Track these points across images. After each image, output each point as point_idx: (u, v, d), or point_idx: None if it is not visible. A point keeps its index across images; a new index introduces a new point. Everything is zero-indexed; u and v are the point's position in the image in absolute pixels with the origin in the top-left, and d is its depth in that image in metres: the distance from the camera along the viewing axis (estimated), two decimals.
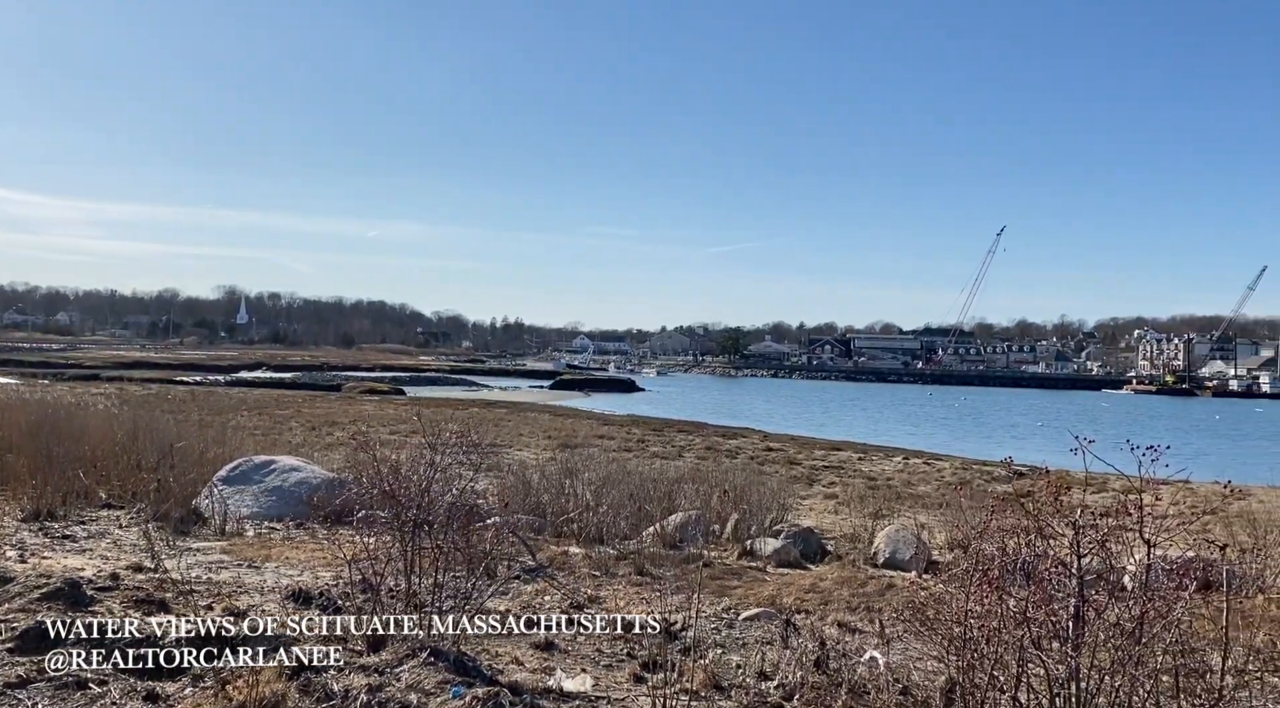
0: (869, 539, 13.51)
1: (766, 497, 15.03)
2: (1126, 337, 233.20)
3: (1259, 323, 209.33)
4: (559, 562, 10.67)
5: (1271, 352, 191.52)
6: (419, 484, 6.94)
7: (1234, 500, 17.99)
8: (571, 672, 6.22)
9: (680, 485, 15.72)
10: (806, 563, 12.49)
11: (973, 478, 26.59)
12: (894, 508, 17.94)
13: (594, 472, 14.64)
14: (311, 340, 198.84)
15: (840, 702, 5.88)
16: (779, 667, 6.50)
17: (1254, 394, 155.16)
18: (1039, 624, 4.60)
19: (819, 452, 32.77)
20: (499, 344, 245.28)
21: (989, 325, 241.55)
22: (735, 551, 12.59)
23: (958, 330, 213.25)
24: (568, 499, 13.49)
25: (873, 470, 28.03)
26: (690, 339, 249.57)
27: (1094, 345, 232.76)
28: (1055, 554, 4.75)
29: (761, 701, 5.94)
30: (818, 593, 10.19)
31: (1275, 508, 14.50)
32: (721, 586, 10.23)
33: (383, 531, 7.09)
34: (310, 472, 14.53)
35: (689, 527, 13.11)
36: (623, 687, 6.16)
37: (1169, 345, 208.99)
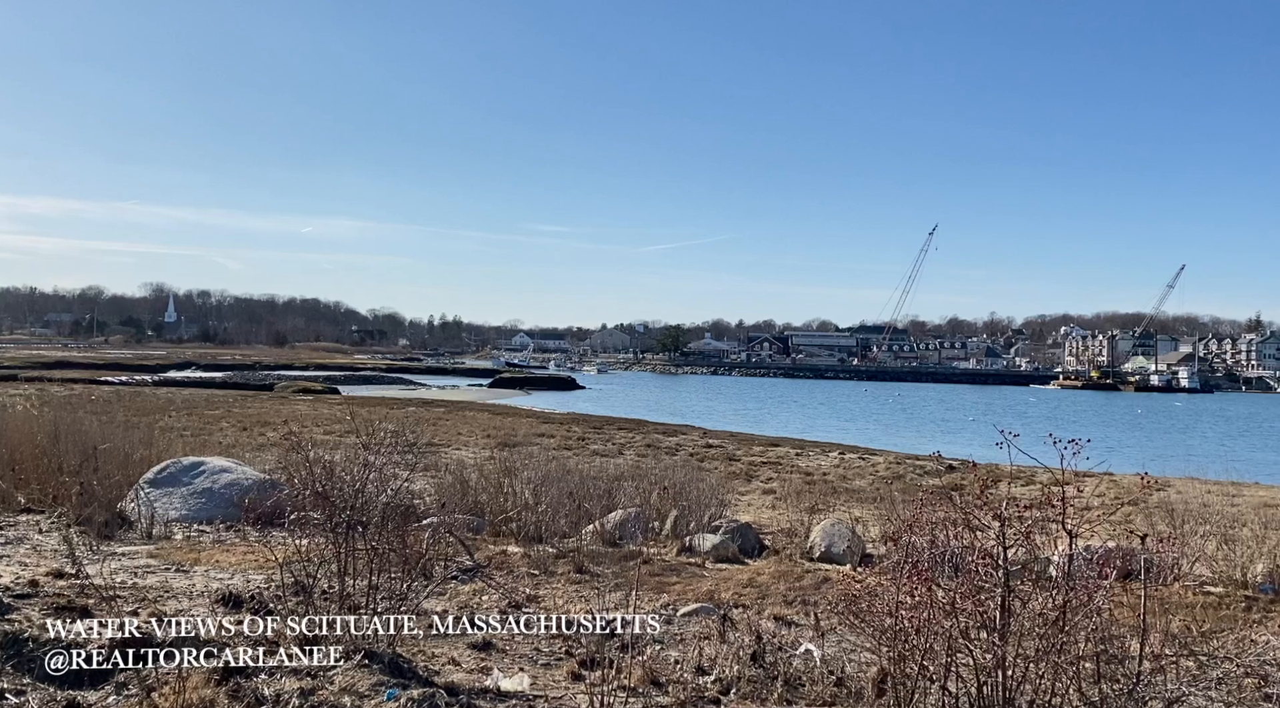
0: (805, 534, 13.67)
1: (705, 493, 15.12)
2: (1054, 333, 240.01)
3: (1178, 320, 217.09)
4: (497, 561, 10.60)
5: (1190, 347, 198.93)
6: (353, 485, 6.83)
7: (1154, 492, 18.64)
8: (509, 671, 6.19)
9: (620, 483, 15.72)
10: (745, 558, 12.60)
11: (906, 472, 27.09)
12: (830, 503, 18.18)
13: (533, 470, 14.56)
14: (243, 339, 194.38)
15: (776, 694, 5.96)
16: (716, 661, 6.55)
17: (1174, 389, 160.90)
18: (967, 615, 4.72)
19: (758, 448, 33.05)
20: (436, 342, 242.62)
21: (922, 323, 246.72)
22: (674, 547, 12.64)
23: (892, 328, 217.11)
24: (506, 498, 13.40)
25: (810, 466, 28.38)
26: (631, 337, 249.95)
27: (1023, 342, 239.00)
28: (982, 546, 4.87)
29: (699, 695, 5.98)
30: (755, 588, 10.28)
31: (1192, 499, 15.04)
32: (661, 582, 10.27)
33: (316, 532, 6.97)
34: (241, 473, 14.21)
35: (628, 524, 13.13)
36: (561, 685, 6.15)
37: (1094, 342, 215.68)
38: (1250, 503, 15.95)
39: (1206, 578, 11.06)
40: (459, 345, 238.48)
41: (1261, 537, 11.27)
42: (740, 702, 5.95)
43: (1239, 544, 11.18)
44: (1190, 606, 9.47)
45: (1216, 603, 9.97)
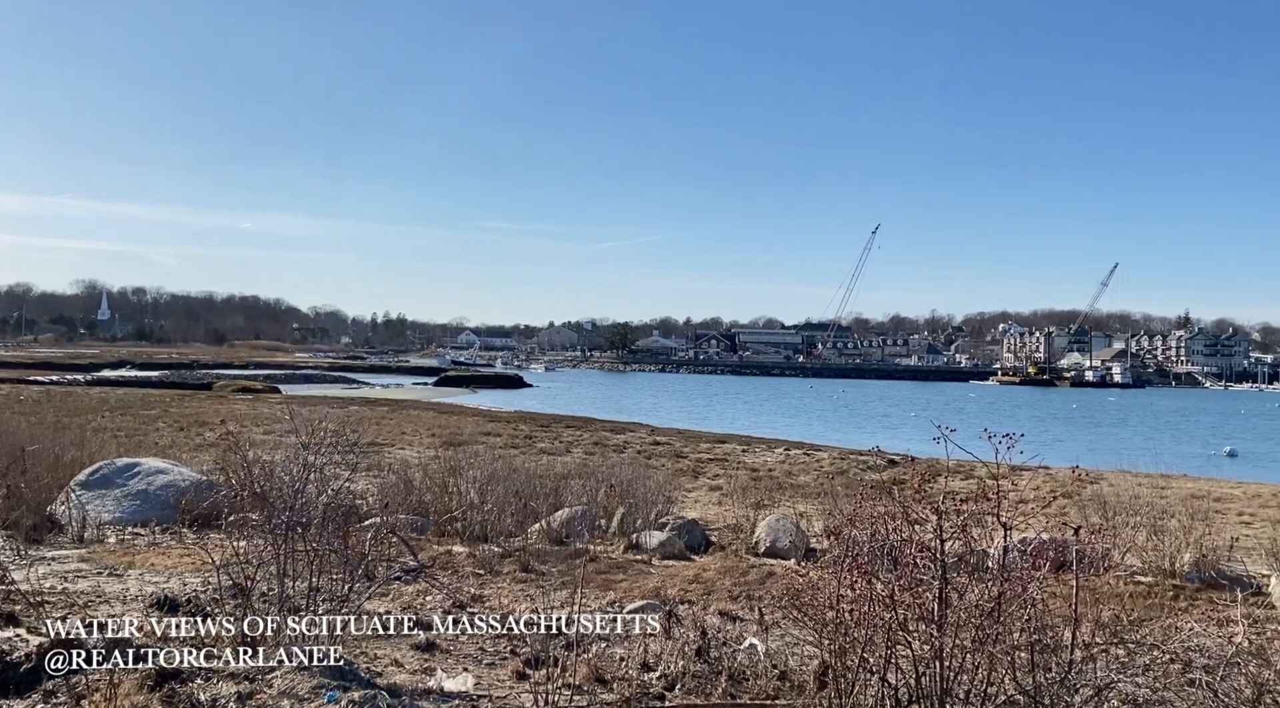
0: (751, 529, 13.79)
1: (652, 491, 15.15)
2: (992, 330, 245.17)
3: (1112, 317, 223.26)
4: (442, 561, 10.51)
5: (1123, 344, 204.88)
6: (292, 485, 6.72)
7: (1087, 485, 19.16)
8: (453, 672, 6.14)
9: (567, 481, 15.69)
10: (691, 554, 12.67)
11: (849, 467, 27.44)
12: (775, 498, 18.33)
13: (479, 469, 14.45)
14: (180, 337, 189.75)
15: (720, 689, 6.00)
16: (662, 657, 6.58)
17: (1107, 384, 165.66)
18: (905, 607, 4.80)
19: (705, 445, 33.22)
20: (380, 340, 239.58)
21: (866, 320, 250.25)
22: (621, 544, 12.67)
23: (836, 325, 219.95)
24: (451, 498, 13.29)
25: (756, 462, 28.60)
26: (578, 334, 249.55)
27: (962, 339, 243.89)
28: (920, 539, 4.96)
29: (644, 692, 6.00)
30: (701, 583, 10.34)
31: (1124, 491, 15.48)
32: (607, 579, 10.28)
33: (255, 533, 6.85)
34: (178, 474, 13.90)
35: (575, 522, 13.12)
36: (505, 684, 6.12)
37: (1031, 339, 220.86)
38: (1178, 495, 16.46)
39: (1137, 568, 11.41)
40: (403, 344, 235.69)
41: (1189, 528, 11.64)
42: (685, 697, 5.98)
43: (1167, 535, 11.53)
44: (1121, 595, 9.76)
45: (1146, 592, 10.29)
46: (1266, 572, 11.26)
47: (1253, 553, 12.39)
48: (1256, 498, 20.32)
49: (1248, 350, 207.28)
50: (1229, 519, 16.78)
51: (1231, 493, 21.19)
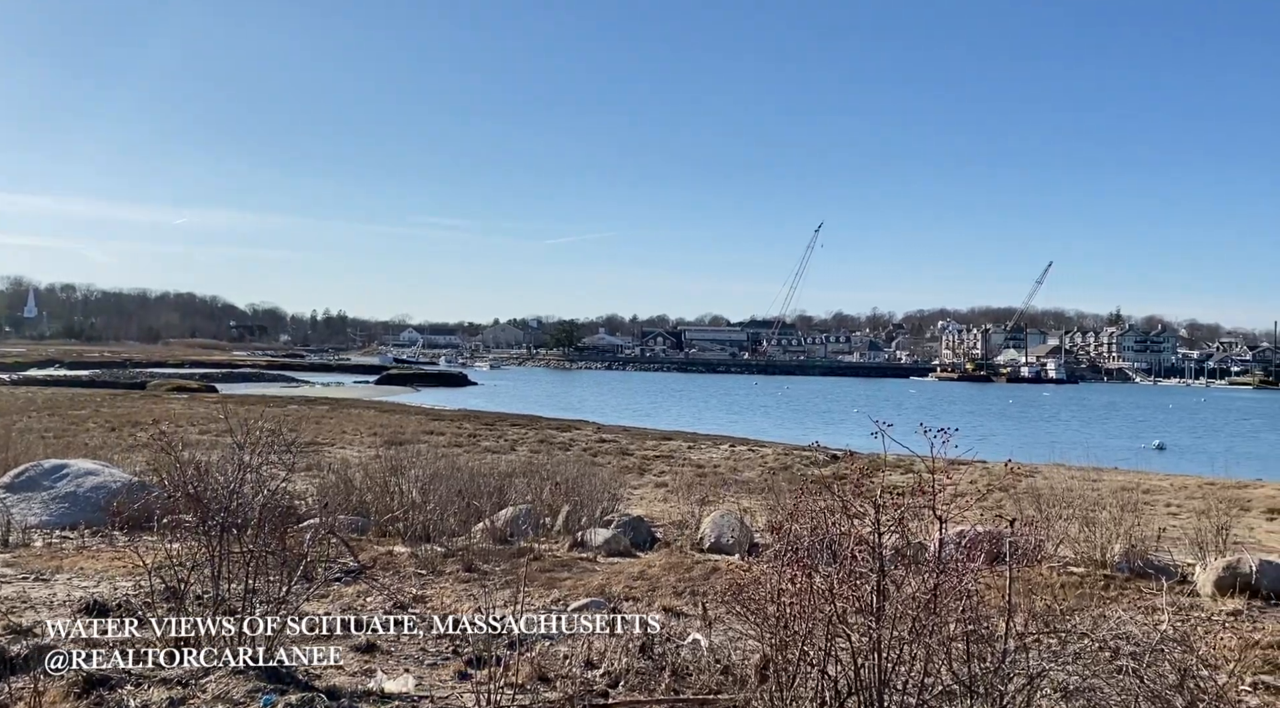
0: (696, 526, 13.84)
1: (598, 488, 15.13)
2: (931, 327, 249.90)
3: (1046, 314, 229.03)
4: (383, 562, 10.38)
5: (1057, 340, 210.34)
6: (227, 486, 6.57)
7: (1023, 478, 19.62)
8: (393, 673, 6.07)
9: (512, 480, 15.59)
10: (636, 551, 12.68)
11: (793, 463, 27.71)
12: (720, 494, 18.45)
13: (421, 468, 14.28)
14: (112, 336, 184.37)
15: (664, 685, 6.02)
16: (605, 655, 6.58)
17: (1042, 380, 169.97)
18: (844, 600, 4.87)
19: (651, 442, 33.28)
20: (321, 338, 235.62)
21: (809, 317, 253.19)
22: (567, 542, 12.63)
23: (780, 322, 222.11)
24: (393, 497, 13.12)
25: (701, 458, 28.74)
26: (524, 332, 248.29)
27: (903, 335, 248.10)
28: (859, 533, 5.03)
29: (588, 689, 5.99)
30: (646, 580, 10.37)
31: (1058, 484, 15.88)
32: (552, 578, 10.24)
33: (189, 535, 6.69)
34: (109, 475, 13.52)
35: (520, 521, 13.04)
36: (447, 685, 6.07)
37: (969, 335, 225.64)
38: (1109, 487, 16.93)
39: (1070, 559, 11.70)
40: (344, 341, 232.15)
41: (1119, 519, 11.98)
42: (629, 693, 5.99)
43: (1099, 526, 11.85)
44: (1054, 585, 10.01)
45: (1078, 582, 10.57)
46: (1191, 561, 11.64)
47: (1179, 543, 12.81)
48: (1183, 490, 21.01)
49: (1175, 347, 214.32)
50: (1157, 510, 17.32)
51: (1160, 485, 21.88)
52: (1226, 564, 10.43)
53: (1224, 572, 10.30)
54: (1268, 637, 8.39)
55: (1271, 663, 7.55)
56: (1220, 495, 18.42)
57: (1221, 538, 11.95)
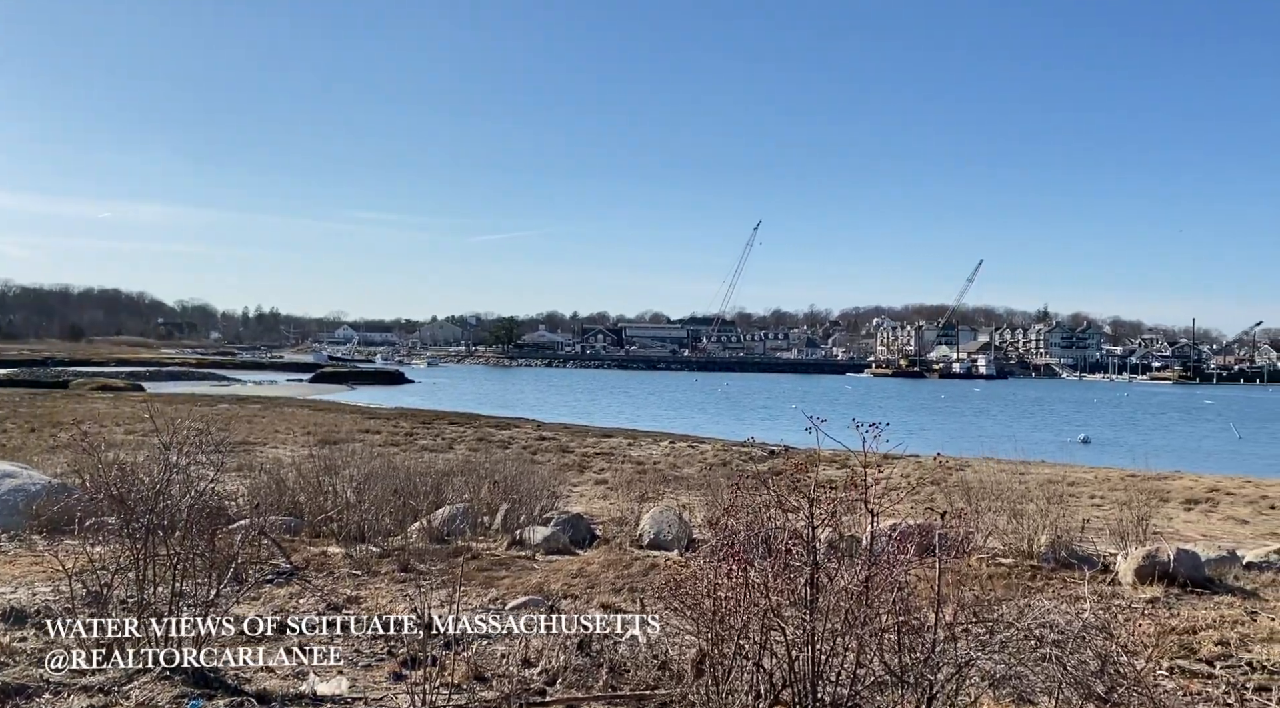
0: (635, 522, 13.87)
1: (537, 486, 15.07)
2: (867, 324, 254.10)
3: (977, 311, 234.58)
4: (317, 563, 10.20)
5: (987, 337, 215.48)
6: (153, 486, 6.40)
7: (954, 471, 20.07)
8: (326, 675, 5.97)
9: (449, 478, 15.44)
10: (576, 549, 12.66)
11: (732, 459, 27.95)
12: (660, 491, 18.55)
13: (356, 467, 14.06)
14: (32, 333, 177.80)
15: (601, 682, 6.03)
16: (543, 653, 6.56)
17: (973, 375, 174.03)
18: (779, 593, 4.93)
19: (591, 439, 33.26)
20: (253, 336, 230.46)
21: (748, 315, 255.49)
22: (505, 541, 12.55)
23: (720, 320, 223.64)
24: (326, 497, 12.89)
25: (641, 455, 28.82)
26: (462, 329, 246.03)
27: (840, 332, 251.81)
28: (793, 527, 5.10)
29: (524, 688, 5.97)
30: (584, 577, 10.36)
31: (987, 477, 16.28)
32: (489, 577, 10.18)
33: (112, 538, 6.50)
34: (28, 477, 13.04)
35: (457, 520, 12.93)
36: (381, 686, 5.99)
37: (903, 332, 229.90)
38: (1037, 480, 17.41)
39: (998, 550, 12.00)
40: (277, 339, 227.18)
41: (1045, 511, 12.32)
42: (566, 691, 5.98)
43: (1026, 518, 12.18)
44: (983, 576, 10.27)
45: (1006, 573, 10.86)
46: (1113, 551, 12.04)
47: (1102, 533, 13.24)
48: (1106, 482, 21.72)
49: (1100, 343, 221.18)
50: (1082, 502, 17.88)
51: (1084, 477, 22.58)
52: (1146, 554, 10.80)
53: (1144, 561, 10.66)
54: (1183, 623, 8.71)
55: (1187, 648, 7.85)
56: (1141, 487, 19.05)
57: (1142, 528, 12.38)
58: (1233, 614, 9.18)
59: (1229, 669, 7.33)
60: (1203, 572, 10.68)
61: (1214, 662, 7.52)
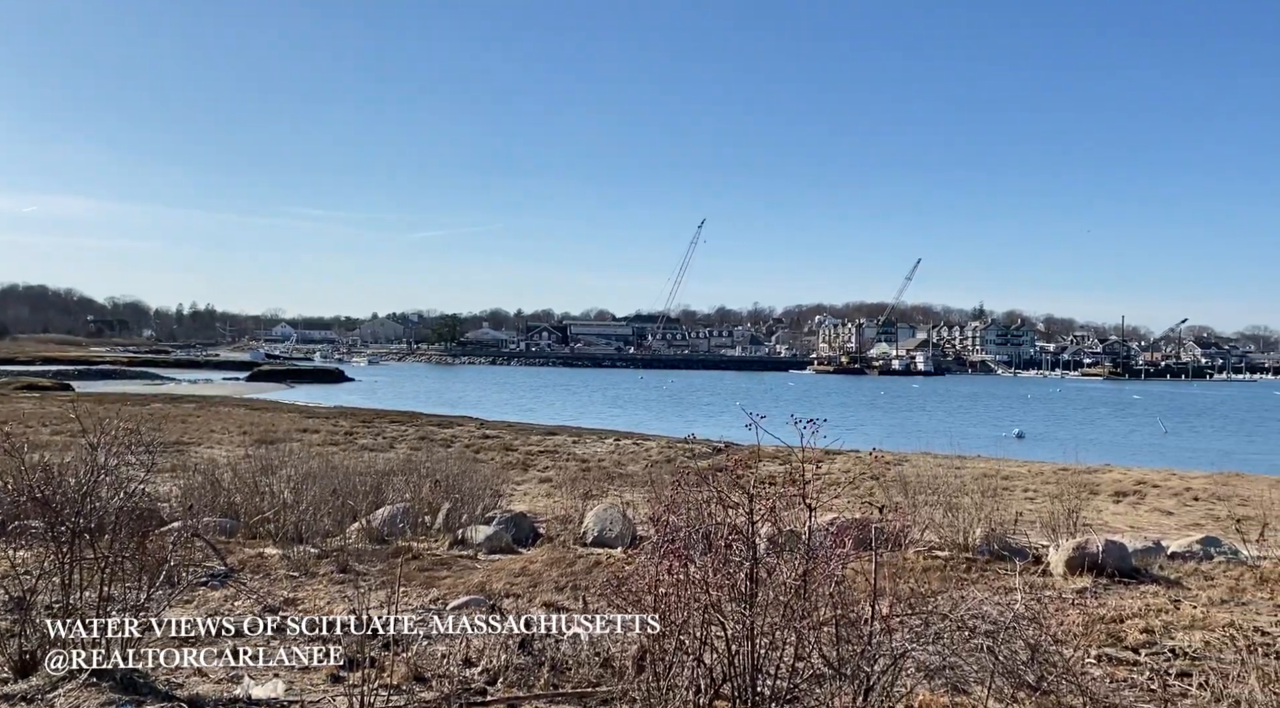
0: (579, 520, 13.85)
1: (480, 485, 14.96)
2: (810, 321, 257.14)
3: (915, 309, 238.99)
4: (253, 564, 10.01)
5: (925, 334, 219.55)
6: (80, 488, 6.21)
7: (892, 466, 20.42)
8: (262, 678, 5.86)
9: (390, 478, 15.25)
10: (519, 547, 12.60)
11: (677, 456, 28.04)
12: (604, 488, 18.53)
13: (294, 467, 13.81)
14: None
15: (543, 680, 6.02)
16: (484, 652, 6.52)
17: (912, 372, 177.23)
18: (719, 588, 4.97)
19: (535, 437, 33.11)
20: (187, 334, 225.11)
21: (693, 312, 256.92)
22: (446, 540, 12.44)
23: (665, 317, 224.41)
24: (263, 498, 12.65)
25: (586, 453, 28.77)
26: (404, 326, 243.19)
27: (782, 330, 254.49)
28: (733, 523, 5.14)
29: (465, 687, 5.93)
30: (527, 576, 10.32)
31: (924, 472, 16.60)
32: (431, 576, 10.09)
33: (36, 542, 6.30)
34: None
35: (398, 519, 12.79)
36: (319, 688, 5.90)
37: (844, 330, 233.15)
38: (972, 473, 17.79)
39: (935, 543, 12.23)
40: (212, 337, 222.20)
41: (980, 504, 12.59)
42: (507, 690, 5.96)
43: (961, 512, 12.43)
44: (920, 569, 10.46)
45: (942, 565, 11.07)
46: (1045, 543, 12.35)
47: (1034, 526, 13.58)
48: (1039, 476, 22.28)
49: (1034, 340, 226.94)
50: (1016, 495, 18.31)
51: (1018, 471, 23.14)
52: (1076, 545, 11.10)
53: (1074, 552, 10.96)
54: (1110, 612, 8.98)
55: (1114, 636, 8.10)
56: (1072, 480, 19.63)
57: (1072, 520, 12.73)
58: (1157, 603, 9.49)
59: (1153, 656, 7.57)
60: (1130, 562, 11.01)
61: (1139, 649, 7.77)
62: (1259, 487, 20.22)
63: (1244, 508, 16.65)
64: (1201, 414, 76.79)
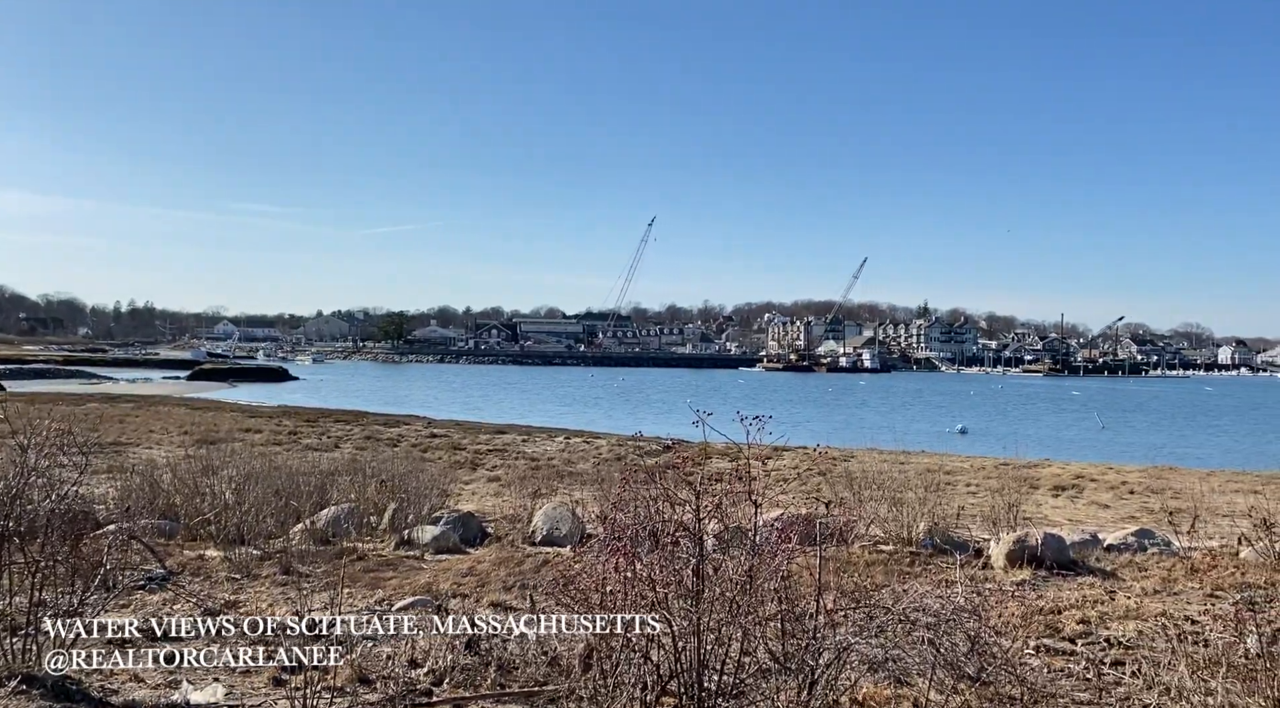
0: (528, 519, 13.80)
1: (426, 484, 14.81)
2: (759, 319, 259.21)
3: (862, 307, 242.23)
4: (193, 567, 9.81)
5: (871, 332, 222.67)
6: (8, 491, 6.03)
7: (840, 462, 20.67)
8: (201, 682, 5.74)
9: (335, 478, 15.04)
10: (466, 547, 12.52)
11: (627, 453, 28.04)
12: (554, 487, 18.46)
13: (236, 468, 13.54)
14: None
15: (490, 680, 5.98)
16: (430, 653, 6.47)
17: (859, 369, 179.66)
18: (665, 585, 4.99)
19: (484, 436, 32.85)
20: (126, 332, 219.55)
21: (644, 310, 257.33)
22: (393, 541, 12.31)
23: (616, 315, 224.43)
24: (204, 499, 12.39)
25: (536, 452, 28.64)
26: (350, 324, 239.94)
27: (733, 328, 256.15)
28: (679, 519, 5.17)
29: (410, 689, 5.88)
30: (475, 576, 10.25)
31: (870, 467, 16.84)
32: (376, 577, 9.97)
33: None
34: None
35: (343, 520, 12.62)
36: (260, 692, 5.80)
37: (793, 327, 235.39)
38: (916, 469, 18.10)
39: (880, 538, 12.42)
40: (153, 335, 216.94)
41: (924, 499, 12.81)
42: (453, 691, 5.92)
43: (906, 506, 12.64)
44: (865, 563, 10.61)
45: (887, 559, 11.25)
46: (986, 536, 12.61)
47: (976, 520, 13.86)
48: (981, 470, 22.71)
49: (976, 338, 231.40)
50: (958, 490, 18.65)
51: (961, 466, 23.56)
52: (1016, 539, 11.35)
53: (1014, 546, 11.21)
54: (1048, 604, 9.20)
55: (1051, 627, 8.30)
56: (1013, 475, 20.02)
57: (1012, 514, 13.01)
58: (1093, 594, 9.74)
59: (1089, 646, 7.78)
60: (1068, 555, 11.29)
61: (1076, 639, 7.97)
62: (1190, 480, 20.85)
63: (1176, 501, 17.15)
64: (1136, 410, 78.99)
